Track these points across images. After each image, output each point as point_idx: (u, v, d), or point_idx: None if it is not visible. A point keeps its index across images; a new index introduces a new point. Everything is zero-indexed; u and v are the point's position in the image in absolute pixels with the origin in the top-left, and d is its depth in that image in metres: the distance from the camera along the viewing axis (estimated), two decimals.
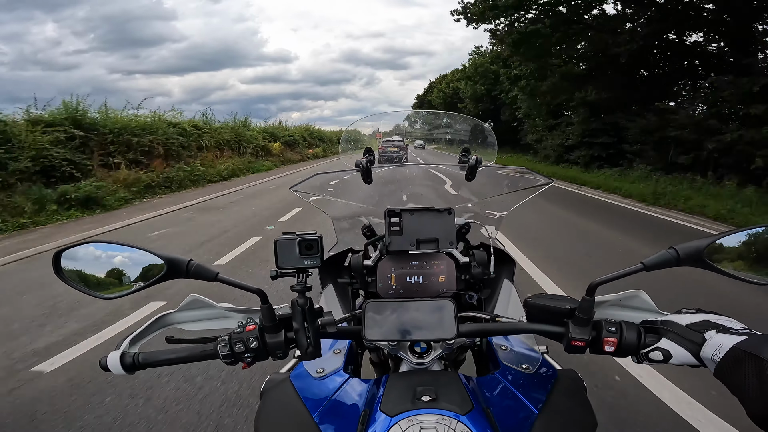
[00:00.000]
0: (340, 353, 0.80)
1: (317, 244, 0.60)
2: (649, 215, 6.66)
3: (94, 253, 0.58)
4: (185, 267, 0.56)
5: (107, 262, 0.58)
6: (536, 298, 0.64)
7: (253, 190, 10.71)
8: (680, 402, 1.85)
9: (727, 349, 0.46)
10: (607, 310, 0.67)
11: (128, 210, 8.12)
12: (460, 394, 0.57)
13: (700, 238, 0.53)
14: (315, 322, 0.61)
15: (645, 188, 8.17)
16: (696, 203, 6.72)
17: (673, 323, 0.55)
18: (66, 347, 2.57)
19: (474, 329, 0.67)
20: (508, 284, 0.92)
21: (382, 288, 0.86)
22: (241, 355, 0.60)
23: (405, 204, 0.95)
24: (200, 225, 6.42)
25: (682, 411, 1.79)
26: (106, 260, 0.58)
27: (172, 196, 9.84)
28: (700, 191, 7.60)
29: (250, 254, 4.61)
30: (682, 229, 5.58)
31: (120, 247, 0.59)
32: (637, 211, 6.96)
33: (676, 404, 1.83)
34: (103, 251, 0.58)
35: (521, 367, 0.72)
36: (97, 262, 0.58)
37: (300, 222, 6.30)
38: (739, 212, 6.00)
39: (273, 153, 20.00)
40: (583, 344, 0.58)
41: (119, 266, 0.58)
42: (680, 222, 6.07)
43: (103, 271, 0.58)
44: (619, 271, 0.54)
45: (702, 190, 7.66)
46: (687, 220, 6.16)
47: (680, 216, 6.40)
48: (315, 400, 0.65)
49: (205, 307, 0.71)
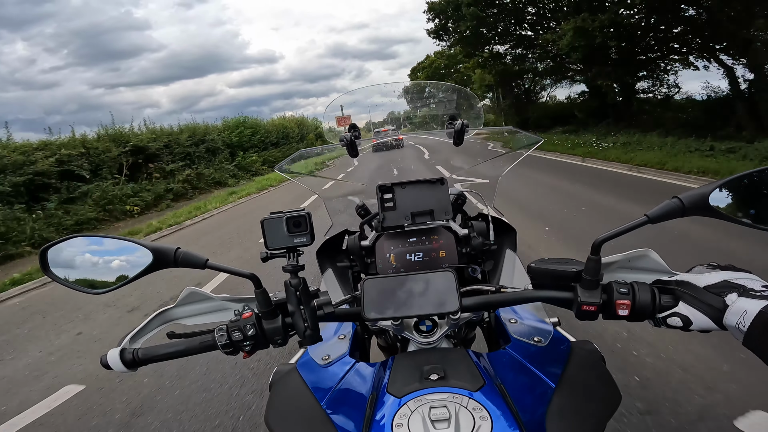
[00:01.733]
0: (345, 339, 0.79)
1: (305, 221, 0.58)
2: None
3: (80, 247, 0.57)
4: (173, 256, 0.55)
5: (94, 256, 0.57)
6: (540, 263, 0.61)
7: None
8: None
9: (754, 316, 0.43)
10: (616, 272, 0.63)
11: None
12: (469, 370, 0.55)
13: (704, 185, 0.50)
14: (311, 303, 0.59)
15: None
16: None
17: (689, 284, 0.52)
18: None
19: (478, 302, 0.65)
20: (511, 254, 0.90)
21: (382, 268, 0.84)
22: (239, 344, 0.59)
23: (397, 178, 0.93)
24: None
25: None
26: (93, 254, 0.57)
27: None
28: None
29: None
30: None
31: (105, 239, 0.58)
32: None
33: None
34: (88, 245, 0.57)
35: (533, 340, 0.70)
36: (84, 256, 0.57)
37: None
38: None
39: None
40: (594, 308, 0.55)
41: (106, 259, 0.57)
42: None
43: (90, 265, 0.57)
44: (623, 226, 0.51)
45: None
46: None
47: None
48: (322, 388, 0.63)
49: (203, 300, 0.70)
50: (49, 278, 0.57)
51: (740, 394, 1.62)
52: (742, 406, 1.54)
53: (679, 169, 6.86)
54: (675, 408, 1.58)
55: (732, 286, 0.48)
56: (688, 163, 7.02)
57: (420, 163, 3.52)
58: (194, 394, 2.06)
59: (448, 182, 0.83)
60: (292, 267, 0.58)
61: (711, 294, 0.49)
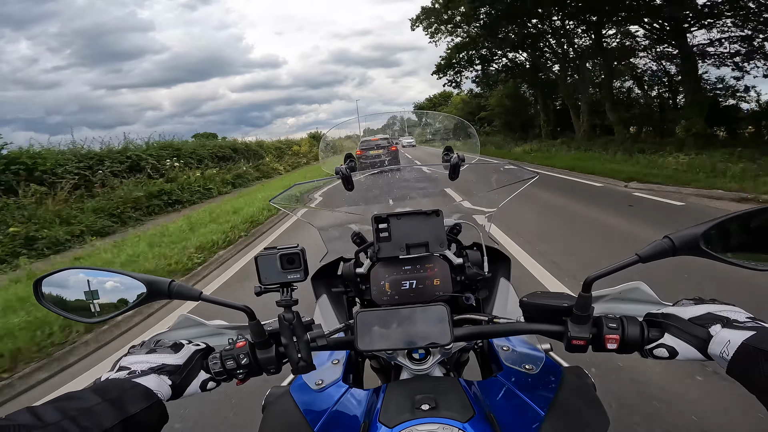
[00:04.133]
0: (338, 363, 0.79)
1: (299, 258, 0.59)
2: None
3: (73, 279, 0.57)
4: (167, 288, 0.55)
5: (87, 288, 0.57)
6: (532, 297, 0.62)
7: None
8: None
9: (737, 346, 0.45)
10: (608, 304, 0.66)
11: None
12: (460, 400, 0.55)
13: (695, 225, 0.51)
14: (304, 335, 0.59)
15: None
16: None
17: (675, 317, 0.54)
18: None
19: (470, 332, 0.65)
20: (505, 283, 0.90)
21: (377, 295, 0.84)
22: (233, 372, 0.60)
23: (392, 208, 0.93)
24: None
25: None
26: (86, 285, 0.57)
27: None
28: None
29: None
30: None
31: (98, 272, 0.58)
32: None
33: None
34: (82, 277, 0.58)
35: (524, 367, 0.70)
36: (78, 288, 0.57)
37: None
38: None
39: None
40: (584, 343, 0.56)
41: (100, 291, 0.57)
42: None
43: (83, 296, 0.57)
44: (614, 264, 0.53)
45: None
46: None
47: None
48: (315, 413, 0.63)
49: (196, 326, 0.71)
50: (43, 307, 0.57)
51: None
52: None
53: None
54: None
55: (716, 317, 0.51)
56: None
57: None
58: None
59: (443, 213, 0.84)
60: (286, 302, 0.58)
61: (696, 325, 0.51)
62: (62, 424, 0.41)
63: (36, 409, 0.42)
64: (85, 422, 0.42)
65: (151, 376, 0.54)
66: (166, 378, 0.55)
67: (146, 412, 0.48)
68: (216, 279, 4.12)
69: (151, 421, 0.49)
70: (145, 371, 0.54)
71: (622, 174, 7.90)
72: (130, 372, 0.54)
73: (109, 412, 0.44)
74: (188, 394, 0.58)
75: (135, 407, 0.47)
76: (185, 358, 0.59)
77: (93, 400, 0.45)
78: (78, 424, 0.42)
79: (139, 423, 0.47)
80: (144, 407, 0.48)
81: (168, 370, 0.56)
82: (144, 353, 0.58)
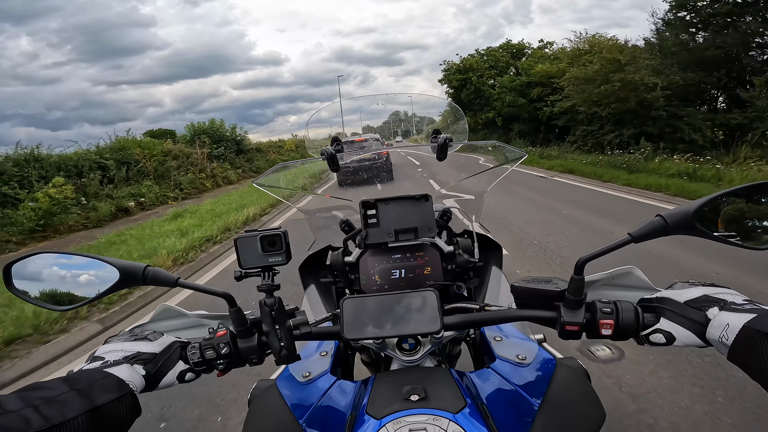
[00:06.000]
0: (326, 355, 0.77)
1: (281, 240, 0.57)
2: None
3: (45, 264, 0.55)
4: (141, 273, 0.53)
5: (59, 273, 0.55)
6: (523, 282, 0.61)
7: None
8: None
9: (737, 330, 0.43)
10: (600, 290, 0.64)
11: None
12: (451, 391, 0.54)
13: (688, 204, 0.50)
14: (287, 322, 0.57)
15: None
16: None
17: (671, 300, 0.53)
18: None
19: (460, 320, 0.64)
20: (497, 271, 0.89)
21: (366, 284, 0.83)
22: (213, 362, 0.57)
23: (381, 193, 0.91)
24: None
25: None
26: (58, 271, 0.55)
27: None
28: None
29: None
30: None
31: (71, 256, 0.56)
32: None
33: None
34: (55, 261, 0.55)
35: (518, 358, 0.69)
36: (49, 273, 0.55)
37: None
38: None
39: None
40: (577, 329, 0.55)
41: (72, 276, 0.55)
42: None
43: (55, 282, 0.55)
44: (606, 246, 0.51)
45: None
46: None
47: None
48: (302, 406, 0.62)
49: (177, 317, 0.69)
50: (13, 294, 0.54)
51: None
52: None
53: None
54: None
55: (713, 300, 0.49)
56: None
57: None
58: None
59: (432, 198, 0.82)
60: (267, 287, 0.56)
61: (692, 309, 0.50)
62: (23, 413, 0.39)
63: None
64: (48, 411, 0.40)
65: (124, 366, 0.51)
66: (140, 368, 0.53)
67: (116, 403, 0.46)
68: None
69: (122, 412, 0.46)
70: (119, 361, 0.52)
71: None
72: (104, 362, 0.52)
73: (75, 402, 0.42)
74: (164, 386, 0.56)
75: (104, 398, 0.45)
76: (162, 346, 0.57)
77: (59, 390, 0.43)
78: (40, 412, 0.40)
79: (108, 414, 0.45)
80: (114, 398, 0.46)
81: (143, 359, 0.53)
82: (120, 342, 0.56)
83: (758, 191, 0.49)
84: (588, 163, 10.19)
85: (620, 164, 9.10)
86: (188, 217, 7.09)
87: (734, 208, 0.50)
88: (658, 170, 7.87)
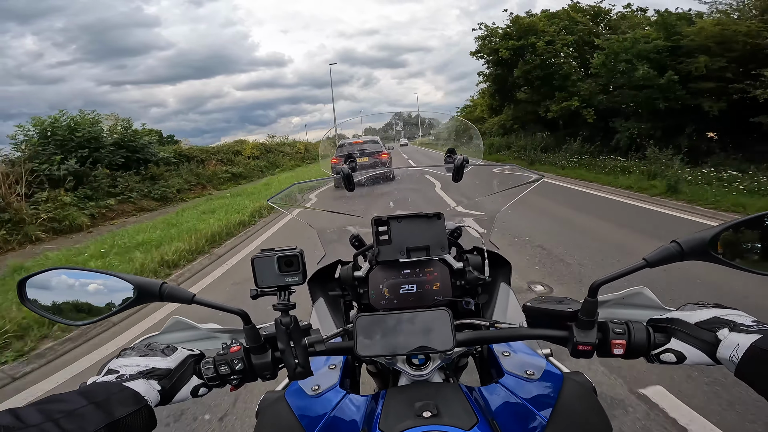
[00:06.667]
0: (335, 368, 0.77)
1: (298, 260, 0.57)
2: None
3: (60, 279, 0.55)
4: (158, 290, 0.53)
5: (74, 289, 0.55)
6: (536, 302, 0.62)
7: None
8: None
9: (746, 349, 0.45)
10: (610, 309, 0.65)
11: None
12: (462, 407, 0.54)
13: (704, 230, 0.50)
14: (302, 340, 0.57)
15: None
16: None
17: (682, 321, 0.54)
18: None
19: (473, 337, 0.65)
20: (505, 288, 0.90)
21: (375, 299, 0.83)
22: (226, 378, 0.58)
23: (393, 210, 0.91)
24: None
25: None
26: (73, 287, 0.55)
27: None
28: None
29: None
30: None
31: (86, 273, 0.56)
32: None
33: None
34: (69, 278, 0.55)
35: (525, 373, 0.69)
36: (64, 289, 0.55)
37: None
38: None
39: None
40: (590, 348, 0.56)
41: (87, 292, 0.55)
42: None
43: (70, 298, 0.55)
44: (621, 269, 0.52)
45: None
46: None
47: None
48: (311, 419, 0.62)
49: (189, 329, 0.69)
50: (28, 308, 0.54)
51: None
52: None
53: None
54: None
55: (723, 321, 0.51)
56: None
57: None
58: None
59: (444, 217, 0.82)
60: (283, 306, 0.56)
61: (703, 330, 0.51)
62: (44, 427, 0.39)
63: (18, 411, 0.40)
64: (68, 425, 0.40)
65: (140, 380, 0.52)
66: (155, 383, 0.53)
67: (133, 416, 0.46)
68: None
69: (138, 426, 0.47)
70: (134, 375, 0.52)
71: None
72: (119, 375, 0.52)
73: (94, 416, 0.43)
74: (178, 400, 0.56)
75: (122, 411, 0.45)
76: (177, 362, 0.57)
77: (78, 403, 0.43)
78: (61, 427, 0.40)
79: (126, 427, 0.45)
80: (131, 411, 0.46)
81: (158, 375, 0.54)
82: (134, 356, 0.56)
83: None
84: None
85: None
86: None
87: (750, 236, 0.51)
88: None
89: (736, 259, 0.50)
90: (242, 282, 3.83)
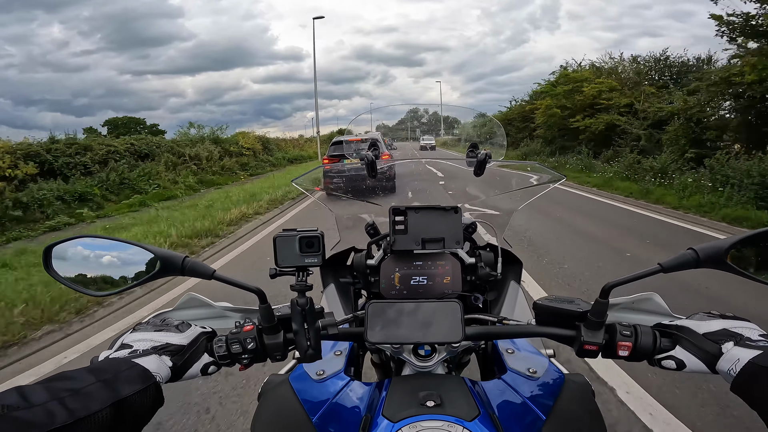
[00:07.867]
0: (341, 355, 0.78)
1: (318, 242, 0.58)
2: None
3: (85, 248, 0.56)
4: (180, 264, 0.54)
5: (99, 258, 0.56)
6: (546, 301, 0.62)
7: None
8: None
9: (744, 364, 0.46)
10: (619, 312, 0.66)
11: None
12: (465, 399, 0.55)
13: (721, 239, 0.51)
14: (315, 323, 0.58)
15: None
16: None
17: (689, 330, 0.54)
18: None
19: (481, 332, 0.66)
20: (515, 286, 0.90)
21: (386, 288, 0.84)
22: (238, 357, 0.58)
23: (410, 201, 0.92)
24: None
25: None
26: (98, 256, 0.56)
27: None
28: None
29: None
30: None
31: (112, 242, 0.57)
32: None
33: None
34: (95, 246, 0.56)
35: (528, 371, 0.70)
36: (89, 258, 0.56)
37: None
38: None
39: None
40: (596, 348, 0.57)
41: (111, 262, 0.56)
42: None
43: (94, 267, 0.56)
44: (635, 273, 0.53)
45: None
46: None
47: None
48: (314, 403, 0.63)
49: (202, 306, 0.70)
50: (52, 277, 0.55)
51: None
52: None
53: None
54: None
55: (730, 334, 0.51)
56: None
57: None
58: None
59: (461, 210, 0.83)
60: (301, 287, 0.57)
61: (709, 341, 0.51)
62: (48, 406, 0.38)
63: (24, 389, 0.39)
64: (73, 404, 0.40)
65: (153, 356, 0.52)
66: (168, 359, 0.53)
67: (140, 394, 0.46)
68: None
69: (145, 403, 0.46)
70: (147, 350, 0.52)
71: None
72: (132, 351, 0.52)
73: (100, 394, 0.42)
74: (188, 377, 0.57)
75: (129, 389, 0.45)
76: (190, 338, 0.57)
77: (86, 381, 0.43)
78: (65, 405, 0.39)
79: (132, 405, 0.44)
80: (139, 389, 0.46)
81: (171, 351, 0.54)
82: (149, 331, 0.56)
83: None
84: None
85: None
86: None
87: (766, 249, 0.51)
88: None
89: (753, 269, 0.51)
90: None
